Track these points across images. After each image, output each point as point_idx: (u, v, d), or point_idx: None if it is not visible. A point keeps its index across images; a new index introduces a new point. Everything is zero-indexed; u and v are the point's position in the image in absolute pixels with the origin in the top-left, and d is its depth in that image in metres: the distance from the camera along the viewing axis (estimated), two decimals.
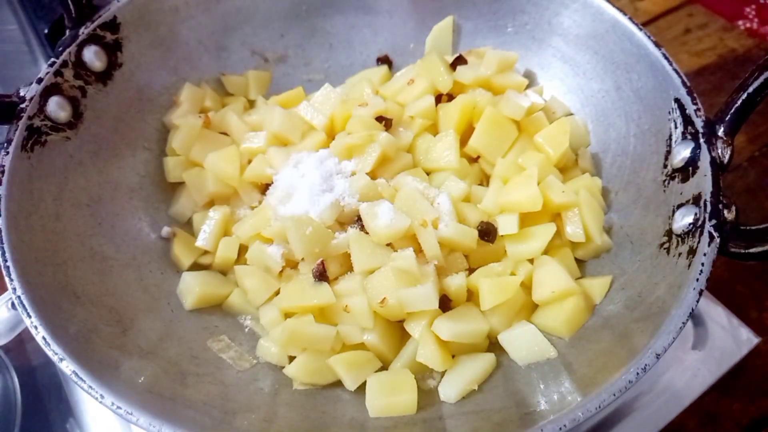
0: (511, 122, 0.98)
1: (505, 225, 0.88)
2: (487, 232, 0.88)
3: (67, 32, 0.92)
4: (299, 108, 1.04)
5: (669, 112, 0.86)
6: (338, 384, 0.85)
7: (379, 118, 0.99)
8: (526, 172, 0.91)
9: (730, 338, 1.00)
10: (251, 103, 1.13)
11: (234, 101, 1.12)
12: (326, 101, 1.05)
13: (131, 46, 0.99)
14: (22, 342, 1.03)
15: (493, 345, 0.87)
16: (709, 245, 0.71)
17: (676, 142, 0.84)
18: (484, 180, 1.01)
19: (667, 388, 0.95)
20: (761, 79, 0.75)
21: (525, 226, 0.90)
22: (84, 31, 0.92)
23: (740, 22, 1.63)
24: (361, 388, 0.82)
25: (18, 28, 1.27)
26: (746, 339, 1.00)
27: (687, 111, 0.82)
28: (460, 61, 1.06)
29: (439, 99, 1.04)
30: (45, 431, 0.96)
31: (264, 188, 1.00)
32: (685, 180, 0.80)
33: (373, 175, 0.95)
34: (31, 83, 0.86)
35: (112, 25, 0.96)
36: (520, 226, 0.89)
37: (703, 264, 0.70)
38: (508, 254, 0.90)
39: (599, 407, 0.63)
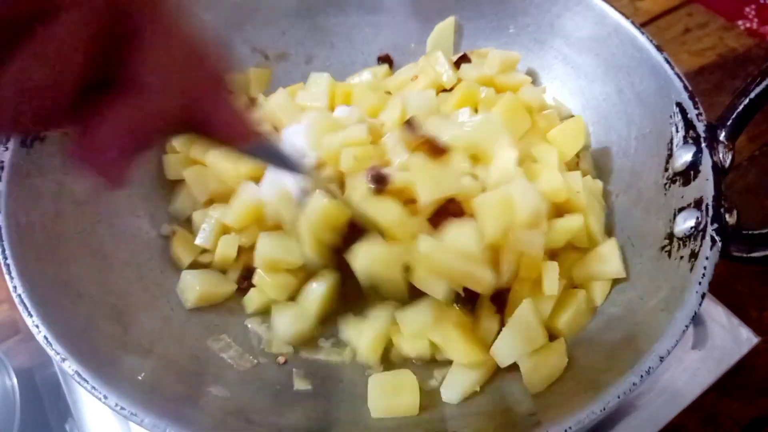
0: (526, 111, 0.97)
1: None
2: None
3: None
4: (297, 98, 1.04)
5: (670, 116, 0.86)
6: (339, 384, 0.85)
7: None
8: (546, 161, 0.91)
9: (730, 338, 1.00)
10: (252, 101, 1.13)
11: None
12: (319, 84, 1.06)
13: None
14: (20, 342, 1.03)
15: None
16: (711, 249, 0.71)
17: (677, 145, 0.84)
18: None
19: (666, 388, 0.95)
20: (763, 84, 0.75)
21: None
22: None
23: (740, 22, 1.63)
24: (363, 388, 0.82)
25: None
26: (746, 338, 1.00)
27: (689, 115, 0.82)
28: (464, 59, 1.05)
29: None
30: (44, 431, 0.96)
31: None
32: (686, 183, 0.81)
33: None
34: None
35: None
36: None
37: (705, 267, 0.70)
38: None
39: (603, 409, 0.64)
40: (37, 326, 0.70)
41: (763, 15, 1.63)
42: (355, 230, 0.84)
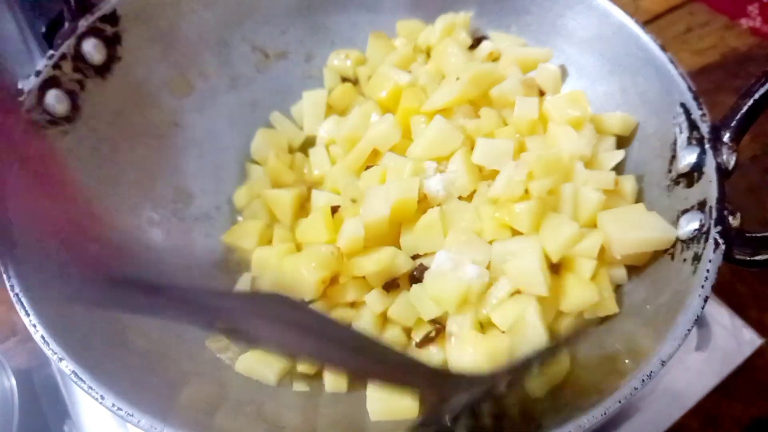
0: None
1: None
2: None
3: (66, 25, 0.91)
4: None
5: (674, 117, 0.85)
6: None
7: None
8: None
9: (733, 339, 0.99)
10: None
11: None
12: None
13: (131, 39, 0.97)
14: (18, 343, 1.02)
15: None
16: (714, 252, 0.71)
17: (681, 147, 0.83)
18: None
19: (669, 390, 0.95)
20: (767, 85, 0.74)
21: None
22: (83, 24, 0.91)
23: (743, 21, 1.62)
24: (363, 390, 0.81)
25: (15, 27, 1.26)
26: (749, 340, 1.00)
27: (692, 116, 0.81)
28: (480, 42, 1.06)
29: None
30: None
31: None
32: (689, 185, 0.80)
33: None
34: (29, 76, 0.84)
35: (112, 18, 0.94)
36: None
37: (708, 270, 0.70)
38: None
39: (604, 414, 0.63)
40: (34, 325, 0.69)
41: (766, 14, 1.63)
42: None
